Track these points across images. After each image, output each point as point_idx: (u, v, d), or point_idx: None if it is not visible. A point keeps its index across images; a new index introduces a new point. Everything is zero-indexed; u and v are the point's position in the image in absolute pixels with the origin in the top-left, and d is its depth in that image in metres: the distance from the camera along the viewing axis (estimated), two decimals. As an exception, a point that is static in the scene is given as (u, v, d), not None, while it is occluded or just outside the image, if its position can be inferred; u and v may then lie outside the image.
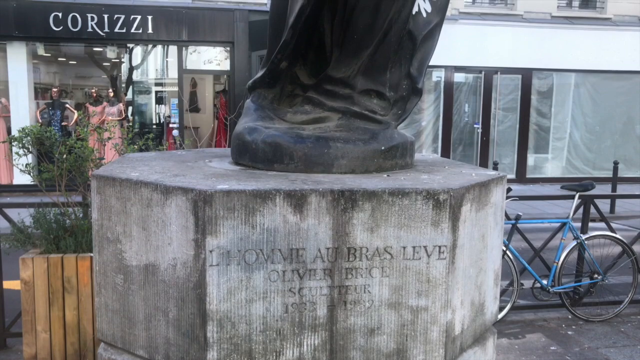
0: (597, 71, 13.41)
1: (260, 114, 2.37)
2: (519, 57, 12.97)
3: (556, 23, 13.23)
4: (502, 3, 13.61)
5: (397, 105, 2.28)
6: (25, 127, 4.42)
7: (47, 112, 11.86)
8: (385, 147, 2.12)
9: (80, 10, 11.18)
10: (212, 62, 13.97)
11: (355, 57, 2.22)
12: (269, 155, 2.08)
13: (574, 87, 13.63)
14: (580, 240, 5.50)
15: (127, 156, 2.47)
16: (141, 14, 11.44)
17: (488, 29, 12.82)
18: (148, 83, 14.20)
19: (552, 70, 13.37)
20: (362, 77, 2.24)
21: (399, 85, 2.27)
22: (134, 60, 13.45)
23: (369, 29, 2.17)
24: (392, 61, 2.23)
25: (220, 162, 2.33)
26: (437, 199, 1.74)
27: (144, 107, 14.20)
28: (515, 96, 13.45)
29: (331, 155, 2.03)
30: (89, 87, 14.30)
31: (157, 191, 1.72)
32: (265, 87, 2.41)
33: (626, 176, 13.19)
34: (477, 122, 13.40)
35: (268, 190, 1.65)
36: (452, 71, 13.00)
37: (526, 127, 13.49)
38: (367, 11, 2.16)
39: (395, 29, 2.17)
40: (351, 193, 1.69)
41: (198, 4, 11.98)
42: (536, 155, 13.75)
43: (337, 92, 2.27)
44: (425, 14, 2.24)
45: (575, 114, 13.74)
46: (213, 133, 12.34)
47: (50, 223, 4.54)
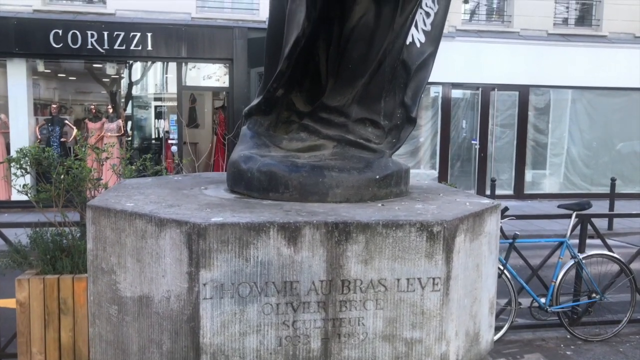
0: (594, 88, 13.49)
1: (256, 141, 2.38)
2: (516, 74, 13.05)
3: (552, 40, 13.33)
4: (499, 20, 13.73)
5: (391, 134, 2.30)
6: (23, 148, 4.43)
7: (46, 128, 11.89)
8: (379, 175, 2.13)
9: (80, 28, 11.25)
10: (211, 78, 14.03)
11: (350, 86, 2.25)
12: (264, 184, 2.09)
13: (571, 103, 13.71)
14: (578, 259, 5.50)
15: (124, 183, 2.48)
16: (141, 31, 11.52)
17: (485, 46, 12.92)
18: (147, 98, 14.25)
19: (549, 87, 13.45)
20: (357, 105, 2.26)
21: (393, 114, 2.29)
22: (134, 76, 13.51)
23: (364, 59, 2.20)
24: (387, 90, 2.25)
25: (216, 189, 2.34)
26: (431, 231, 1.75)
27: (143, 121, 14.24)
28: (513, 112, 13.51)
29: (326, 185, 2.04)
30: (89, 102, 14.34)
31: (152, 223, 1.72)
32: (261, 114, 2.43)
33: (624, 192, 13.21)
34: (474, 138, 13.44)
35: (262, 222, 1.66)
36: (450, 88, 13.07)
37: (524, 143, 13.54)
38: (362, 42, 2.19)
39: (390, 59, 2.20)
40: (345, 225, 1.70)
41: (198, 21, 12.08)
42: (534, 171, 13.78)
43: (332, 120, 2.29)
44: (419, 44, 2.27)
45: (572, 130, 13.80)
46: (211, 153, 12.36)
47: (47, 243, 4.54)
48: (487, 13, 13.90)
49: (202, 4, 12.39)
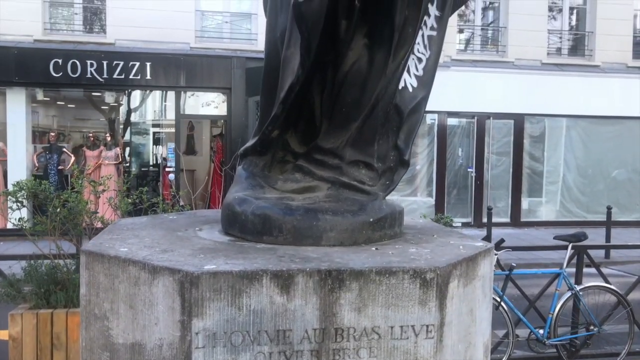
0: (588, 116, 13.63)
1: (251, 182, 2.40)
2: (510, 103, 13.19)
3: (546, 70, 13.51)
4: (494, 50, 13.93)
5: (385, 176, 2.32)
6: (20, 181, 4.44)
7: (44, 156, 11.92)
8: (373, 218, 2.14)
9: (80, 57, 11.37)
10: (209, 105, 14.15)
11: (343, 129, 2.28)
12: (258, 227, 2.10)
13: (566, 131, 13.83)
14: (575, 291, 5.49)
15: (119, 223, 2.49)
16: (140, 61, 11.64)
17: (480, 75, 13.08)
18: (146, 125, 14.33)
19: (544, 115, 13.58)
20: (351, 148, 2.28)
21: (386, 157, 2.32)
22: (133, 103, 13.62)
23: (357, 104, 2.24)
24: (380, 134, 2.28)
25: (211, 231, 2.35)
26: (424, 278, 1.76)
27: (141, 148, 14.29)
28: (508, 140, 13.62)
29: (320, 228, 2.05)
30: (87, 129, 14.42)
31: (145, 270, 1.73)
32: (256, 155, 2.45)
33: (620, 220, 13.23)
34: (470, 166, 13.51)
35: (255, 270, 1.66)
36: (445, 116, 13.19)
37: (519, 171, 13.60)
38: (355, 87, 2.23)
39: (382, 103, 2.24)
40: (338, 273, 1.71)
41: (196, 51, 12.22)
42: (530, 199, 13.82)
43: (326, 162, 2.31)
44: (411, 89, 2.31)
45: (567, 158, 13.89)
46: (208, 184, 12.38)
47: (41, 276, 4.52)
48: (481, 43, 14.10)
49: (200, 34, 12.56)
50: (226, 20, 12.85)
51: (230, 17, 12.90)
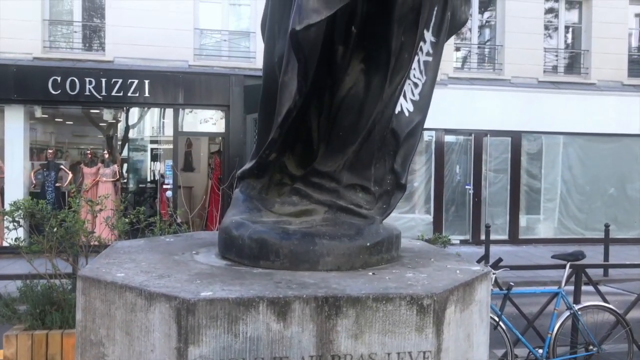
0: (584, 134, 13.70)
1: (248, 205, 2.40)
2: (507, 120, 13.25)
3: (543, 87, 13.61)
4: (490, 68, 14.03)
5: (381, 200, 2.33)
6: (17, 201, 4.44)
7: (42, 174, 11.90)
8: (370, 243, 2.15)
9: (78, 75, 11.42)
10: (207, 122, 14.19)
11: (341, 152, 2.29)
12: (254, 251, 2.10)
13: (563, 149, 13.89)
14: (574, 310, 5.46)
15: (116, 246, 2.49)
16: (138, 78, 11.70)
17: (477, 93, 13.16)
18: (144, 141, 14.36)
19: (541, 133, 13.65)
20: (348, 171, 2.30)
21: (383, 180, 2.33)
22: (131, 120, 13.65)
23: (354, 128, 2.25)
24: (377, 157, 2.30)
25: (207, 254, 2.34)
26: (421, 304, 1.75)
27: (139, 164, 14.30)
28: (506, 158, 13.66)
29: (317, 253, 2.05)
30: (85, 145, 14.42)
31: (142, 296, 1.72)
32: (254, 177, 2.46)
33: (618, 237, 13.23)
34: (468, 183, 13.53)
35: (251, 297, 1.66)
36: (443, 133, 13.24)
37: (517, 188, 13.63)
38: (352, 111, 2.25)
39: (379, 127, 2.25)
40: (335, 299, 1.70)
41: (195, 68, 12.29)
42: (528, 216, 13.83)
43: (323, 185, 2.32)
44: (407, 113, 2.32)
45: (565, 176, 13.93)
46: (205, 203, 12.38)
47: (37, 296, 4.49)
48: (478, 61, 14.21)
49: (199, 52, 12.64)
50: (225, 39, 12.95)
51: (228, 36, 13.00)
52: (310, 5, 1.81)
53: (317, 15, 1.82)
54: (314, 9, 1.81)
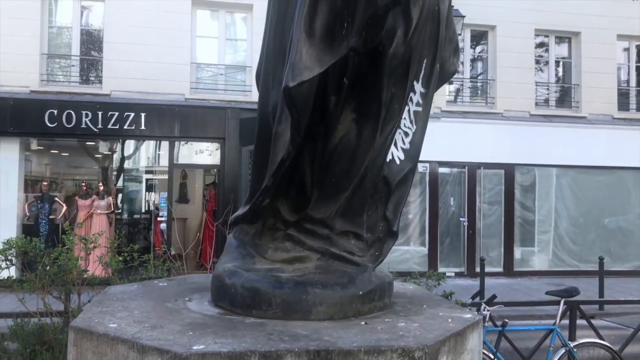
0: (577, 166, 13.83)
1: (241, 251, 2.42)
2: (500, 153, 13.38)
3: (535, 121, 13.79)
4: (482, 102, 14.23)
5: (374, 247, 2.36)
6: (10, 239, 4.43)
7: (36, 206, 11.87)
8: (363, 291, 2.16)
9: (75, 108, 11.50)
10: (203, 153, 14.25)
11: (333, 199, 2.33)
12: (247, 300, 2.11)
13: (556, 181, 13.99)
14: (569, 347, 5.44)
15: (109, 293, 2.49)
16: (135, 111, 11.78)
17: (470, 126, 13.31)
18: (139, 171, 14.38)
19: (534, 166, 13.77)
20: (341, 218, 2.33)
21: (375, 227, 2.36)
22: (126, 151, 13.70)
23: (347, 175, 2.29)
24: (369, 204, 2.34)
25: (200, 302, 2.35)
26: (413, 357, 1.76)
27: (134, 194, 14.28)
28: (499, 190, 13.73)
29: (309, 302, 2.06)
30: (81, 176, 14.42)
31: (134, 349, 1.73)
32: (247, 223, 2.48)
33: (613, 270, 13.22)
34: (462, 215, 13.57)
35: (243, 351, 1.67)
36: (437, 166, 13.34)
37: (511, 221, 13.67)
38: (344, 159, 2.29)
39: (371, 175, 2.30)
40: (327, 353, 1.71)
41: (191, 102, 12.41)
42: (523, 248, 13.84)
43: (316, 231, 2.35)
44: (398, 161, 2.37)
45: (558, 208, 13.99)
46: (199, 241, 12.34)
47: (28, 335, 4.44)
48: (471, 95, 14.42)
49: (195, 86, 12.79)
50: (221, 72, 13.11)
51: (225, 69, 13.17)
52: (303, 62, 1.87)
53: (310, 72, 1.88)
54: (307, 66, 1.87)
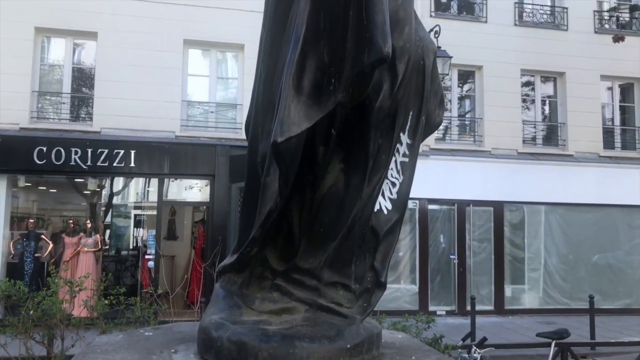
0: (565, 204, 13.93)
1: (228, 302, 2.40)
2: (489, 190, 13.47)
3: (522, 159, 13.95)
4: (471, 140, 14.40)
5: (362, 298, 2.35)
6: (-7, 283, 4.35)
7: (21, 243, 11.71)
8: (350, 344, 2.14)
9: (64, 145, 11.48)
10: (192, 189, 14.22)
11: (321, 249, 2.33)
12: (234, 354, 2.08)
13: (545, 219, 14.06)
14: (561, 391, 5.39)
15: (93, 345, 2.44)
16: (124, 149, 11.78)
17: (459, 164, 13.44)
18: (127, 207, 14.28)
19: (522, 203, 13.86)
20: (329, 269, 2.32)
21: (363, 278, 2.36)
22: (115, 187, 13.64)
23: (334, 225, 2.30)
24: (357, 255, 2.34)
25: (186, 353, 2.31)
26: (400, 415, 1.74)
27: (122, 230, 14.14)
28: (489, 227, 13.77)
29: (297, 356, 2.04)
30: (68, 212, 14.28)
31: (116, 409, 1.69)
32: (234, 272, 2.47)
33: (603, 307, 13.19)
34: (452, 253, 13.56)
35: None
36: (426, 203, 13.38)
37: (501, 258, 13.66)
38: (332, 208, 2.30)
39: (359, 225, 2.31)
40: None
41: (181, 139, 12.44)
42: (513, 286, 13.79)
43: (304, 282, 2.34)
44: (386, 211, 2.39)
45: (548, 245, 14.03)
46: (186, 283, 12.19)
47: (8, 382, 4.33)
48: (459, 133, 14.60)
49: (186, 123, 12.85)
50: (212, 110, 13.21)
51: (215, 107, 13.27)
52: (291, 118, 1.90)
53: (298, 127, 1.91)
54: (295, 122, 1.90)
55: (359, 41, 1.90)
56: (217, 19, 12.80)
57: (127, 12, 12.35)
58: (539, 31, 14.62)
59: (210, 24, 12.77)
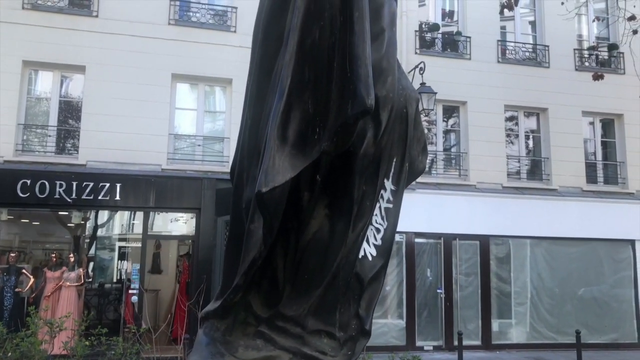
0: (550, 238, 14.02)
1: (211, 349, 2.37)
2: (475, 224, 13.53)
3: (507, 193, 14.07)
4: (456, 174, 14.53)
5: (346, 346, 2.33)
6: (-30, 324, 4.24)
7: (1, 278, 11.47)
8: (335, 394, 2.12)
9: (49, 178, 11.39)
10: (178, 221, 14.11)
11: (306, 296, 2.32)
12: (216, 405, 2.04)
13: (530, 252, 14.11)
14: None
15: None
16: (110, 182, 11.71)
17: (444, 198, 13.51)
18: (112, 239, 14.10)
19: (508, 237, 13.92)
20: (313, 316, 2.31)
21: (348, 326, 2.34)
22: (100, 219, 13.50)
23: (319, 271, 2.30)
24: (341, 302, 2.33)
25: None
26: None
27: (106, 262, 13.93)
28: (475, 261, 13.77)
29: (280, 407, 2.00)
30: (51, 244, 14.06)
31: None
32: (218, 318, 2.44)
33: (590, 342, 13.17)
34: (439, 287, 13.51)
35: None
36: (413, 237, 13.40)
37: (488, 292, 13.63)
38: (317, 254, 2.30)
39: (344, 272, 2.31)
40: None
41: (167, 172, 12.39)
42: (500, 320, 13.72)
43: (288, 329, 2.32)
44: (370, 258, 2.39)
45: (534, 279, 14.04)
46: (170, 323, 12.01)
47: None
48: (444, 167, 14.74)
49: (172, 156, 12.84)
50: (199, 143, 13.23)
51: (202, 140, 13.29)
52: (276, 168, 1.92)
53: (282, 177, 1.92)
54: (279, 171, 1.92)
55: (342, 93, 1.94)
56: (205, 54, 12.94)
57: (116, 46, 12.44)
58: (522, 68, 14.96)
59: (199, 59, 12.90)
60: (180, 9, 13.33)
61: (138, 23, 12.67)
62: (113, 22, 12.55)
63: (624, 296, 14.45)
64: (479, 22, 14.74)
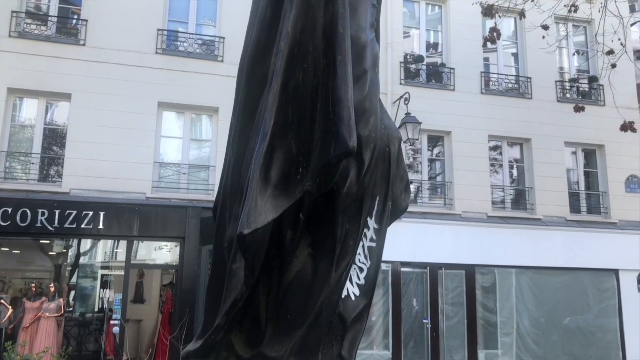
0: (535, 268, 14.05)
1: (192, 391, 2.32)
2: (460, 254, 13.53)
3: (492, 222, 14.14)
4: (441, 203, 14.60)
5: (329, 387, 2.29)
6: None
7: (-22, 309, 11.21)
8: None
9: (31, 206, 11.24)
10: (162, 250, 13.95)
11: (288, 336, 2.29)
12: None
13: (516, 282, 14.11)
14: None
15: None
16: (93, 210, 11.58)
17: (430, 227, 13.53)
18: (94, 267, 13.87)
19: (493, 267, 13.92)
20: (295, 358, 2.28)
21: (331, 367, 2.31)
22: (83, 247, 13.30)
23: (302, 311, 2.28)
24: (324, 343, 2.30)
25: None
26: None
27: (88, 291, 13.67)
28: (461, 291, 13.73)
29: None
30: (32, 272, 13.79)
31: None
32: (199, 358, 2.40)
33: (577, 373, 13.13)
34: (426, 317, 13.43)
35: None
36: (399, 266, 13.35)
37: (474, 323, 13.57)
38: (300, 294, 2.29)
39: (327, 313, 2.29)
40: None
41: (152, 201, 12.29)
42: (487, 351, 13.63)
43: (270, 371, 2.28)
44: (354, 297, 2.38)
45: (520, 309, 14.02)
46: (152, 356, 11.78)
47: None
48: (430, 196, 14.81)
49: (157, 185, 12.75)
50: (184, 172, 13.17)
51: (188, 169, 13.25)
52: (258, 209, 1.91)
53: (265, 218, 1.92)
54: (261, 213, 1.91)
55: (325, 134, 1.95)
56: (192, 83, 12.98)
57: (102, 75, 12.44)
58: (505, 99, 15.21)
59: (186, 88, 12.93)
60: (168, 39, 13.42)
61: (125, 52, 12.72)
62: (100, 51, 12.59)
63: (609, 326, 14.46)
64: (463, 54, 15.01)
